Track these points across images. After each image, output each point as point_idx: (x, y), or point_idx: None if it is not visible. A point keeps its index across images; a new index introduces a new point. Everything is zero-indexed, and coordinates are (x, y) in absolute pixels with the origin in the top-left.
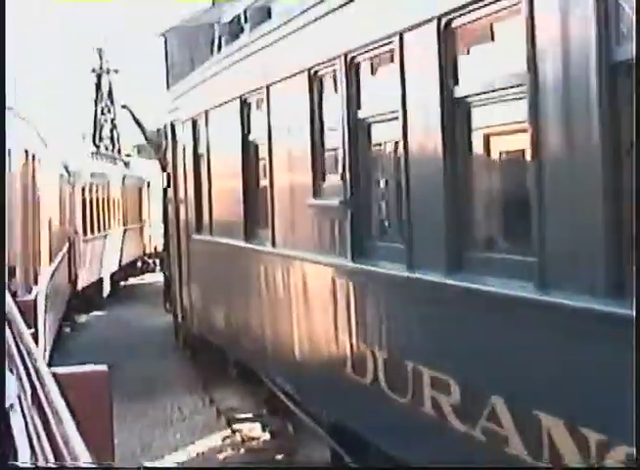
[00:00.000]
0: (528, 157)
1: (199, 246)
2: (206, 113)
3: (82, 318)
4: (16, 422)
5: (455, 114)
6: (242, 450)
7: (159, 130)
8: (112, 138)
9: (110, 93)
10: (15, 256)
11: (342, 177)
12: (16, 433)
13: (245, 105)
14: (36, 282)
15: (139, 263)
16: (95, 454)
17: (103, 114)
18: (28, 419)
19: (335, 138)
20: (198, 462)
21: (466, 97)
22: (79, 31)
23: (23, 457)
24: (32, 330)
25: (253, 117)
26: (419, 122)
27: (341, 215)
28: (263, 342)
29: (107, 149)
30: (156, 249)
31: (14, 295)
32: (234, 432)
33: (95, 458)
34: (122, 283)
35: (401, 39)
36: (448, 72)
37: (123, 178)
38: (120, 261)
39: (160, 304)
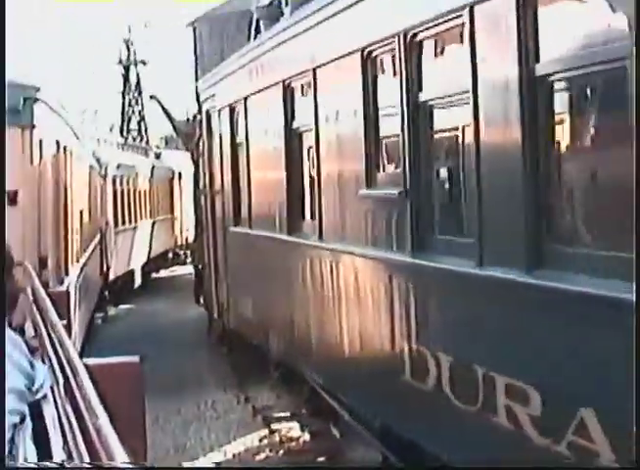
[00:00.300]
0: (625, 140)
1: (236, 239)
2: (245, 99)
3: (112, 311)
4: (48, 413)
5: (536, 94)
6: (280, 452)
7: (188, 120)
8: (139, 130)
9: (137, 85)
10: (46, 246)
11: (401, 166)
12: (49, 423)
13: (288, 90)
14: (67, 273)
15: (170, 255)
16: (127, 445)
17: (130, 105)
18: (61, 410)
19: (391, 123)
20: (234, 464)
21: (548, 75)
22: (104, 22)
23: (56, 448)
24: (64, 321)
25: (298, 103)
26: (493, 105)
27: (399, 207)
28: (309, 342)
29: (134, 140)
30: (187, 240)
31: (45, 286)
32: (272, 432)
33: (127, 449)
34: (153, 275)
35: (472, 12)
36: (528, 48)
37: (152, 169)
38: (149, 255)
39: (191, 296)
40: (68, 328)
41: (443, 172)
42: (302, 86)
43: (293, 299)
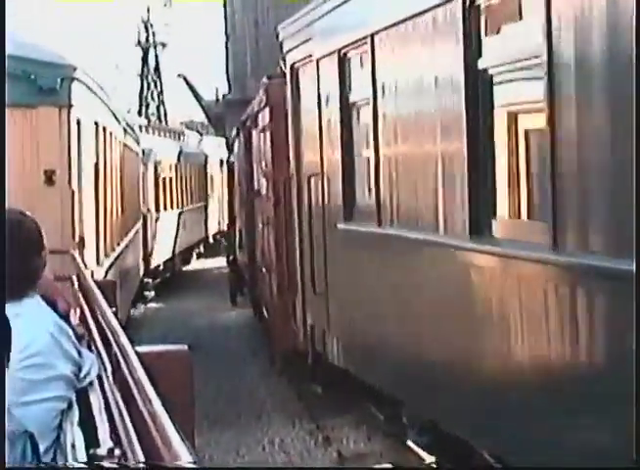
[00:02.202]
0: None
1: (350, 241)
2: (372, 37)
3: (135, 312)
4: (95, 400)
5: None
6: None
7: (217, 100)
8: (158, 114)
9: (157, 68)
10: (85, 228)
11: None
12: (95, 411)
13: (472, 9)
14: (107, 256)
15: (211, 241)
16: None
17: (149, 89)
18: (110, 397)
19: None
20: None
21: None
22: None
23: (104, 436)
24: (114, 308)
25: (493, 28)
26: None
27: None
28: (497, 403)
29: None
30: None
31: (85, 266)
32: None
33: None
34: (188, 266)
35: None
36: None
37: (179, 154)
38: (174, 249)
39: (226, 294)
40: (117, 315)
41: None
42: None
43: (482, 340)
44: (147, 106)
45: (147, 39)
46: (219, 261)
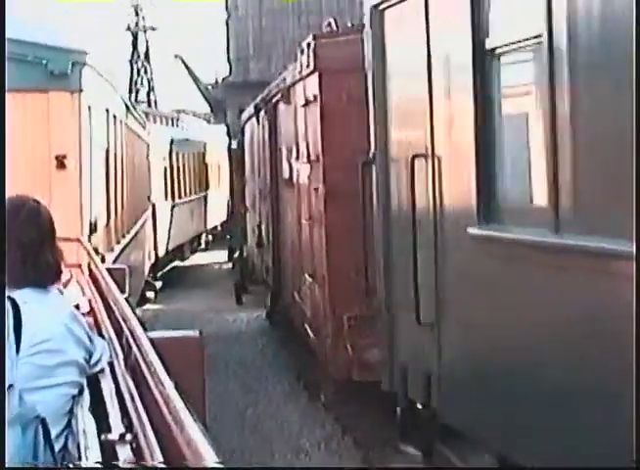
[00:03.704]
0: None
1: (492, 253)
2: None
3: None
4: (106, 387)
5: None
6: None
7: (216, 83)
8: (148, 101)
9: (147, 53)
10: (96, 213)
11: None
12: (107, 397)
13: None
14: (119, 242)
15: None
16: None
17: (139, 75)
18: (121, 383)
19: None
20: None
21: None
22: None
23: (115, 421)
24: (126, 294)
25: None
26: None
27: None
28: None
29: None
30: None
31: (95, 252)
32: None
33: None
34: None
35: None
36: None
37: (171, 143)
38: (167, 246)
39: (229, 291)
40: (128, 301)
41: None
42: None
43: None
44: (137, 92)
45: (136, 24)
46: (224, 255)
